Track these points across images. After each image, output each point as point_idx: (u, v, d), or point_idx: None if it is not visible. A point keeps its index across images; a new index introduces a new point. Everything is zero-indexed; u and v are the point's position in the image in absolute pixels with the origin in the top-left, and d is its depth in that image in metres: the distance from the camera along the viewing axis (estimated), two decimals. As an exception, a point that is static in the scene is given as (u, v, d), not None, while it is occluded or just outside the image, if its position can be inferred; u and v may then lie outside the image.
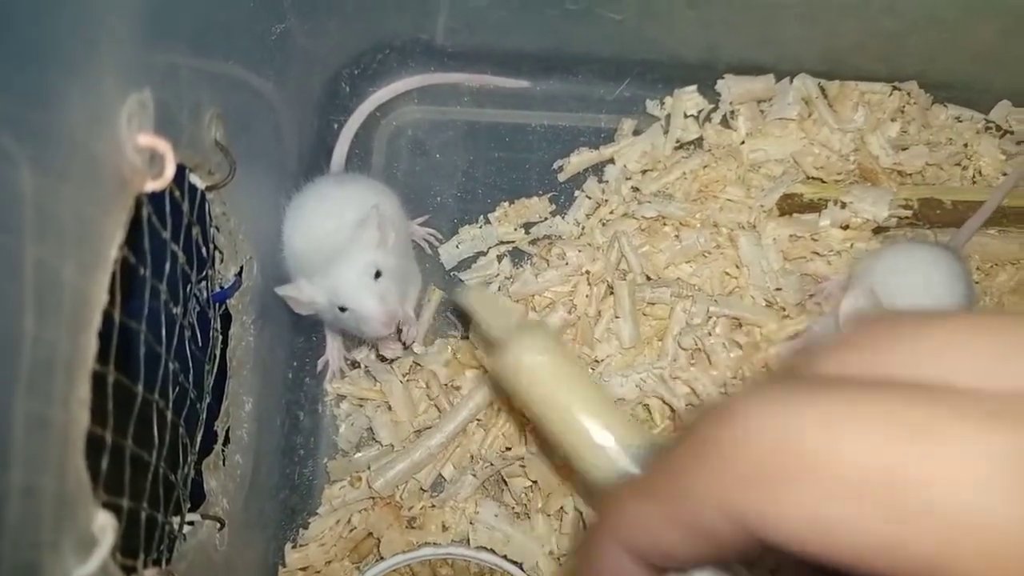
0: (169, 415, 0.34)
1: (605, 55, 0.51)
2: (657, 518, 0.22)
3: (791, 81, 0.54)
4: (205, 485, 0.41)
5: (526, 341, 0.33)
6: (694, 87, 0.54)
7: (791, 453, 0.18)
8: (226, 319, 0.42)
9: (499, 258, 0.53)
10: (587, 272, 0.49)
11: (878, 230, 0.52)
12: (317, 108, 0.51)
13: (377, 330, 0.44)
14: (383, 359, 0.51)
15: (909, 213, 0.52)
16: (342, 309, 0.44)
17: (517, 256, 0.53)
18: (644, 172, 0.54)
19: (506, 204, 0.54)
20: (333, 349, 0.51)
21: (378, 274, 0.44)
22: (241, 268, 0.42)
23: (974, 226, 0.51)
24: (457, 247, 0.53)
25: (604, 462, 0.29)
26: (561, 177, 0.55)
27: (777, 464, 0.18)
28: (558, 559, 0.48)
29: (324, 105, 0.51)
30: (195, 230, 0.36)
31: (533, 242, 0.53)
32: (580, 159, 0.54)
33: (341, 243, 0.44)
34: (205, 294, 0.40)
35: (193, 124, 0.33)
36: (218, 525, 0.40)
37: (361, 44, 0.51)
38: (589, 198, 0.54)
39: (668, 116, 0.55)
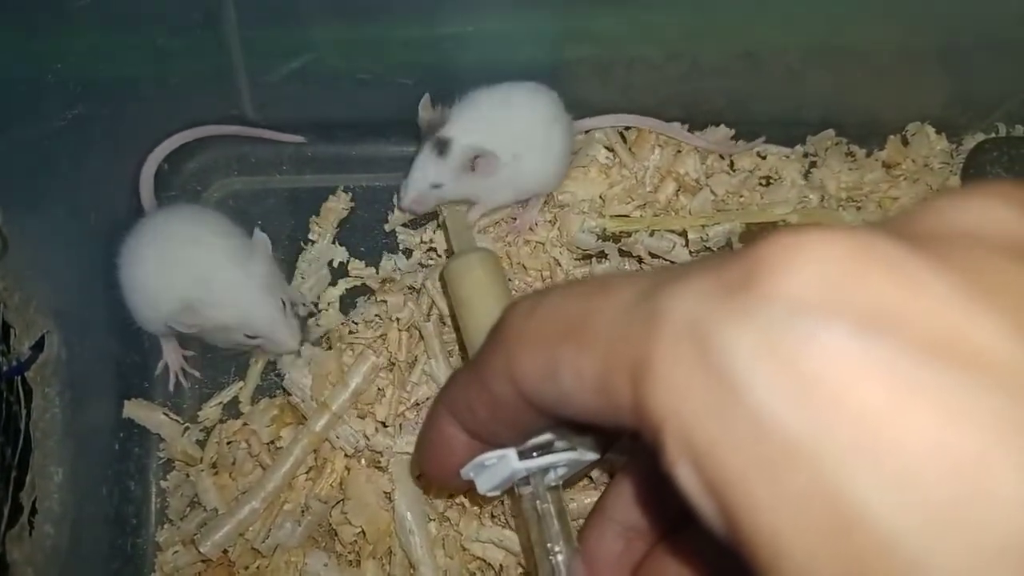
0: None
1: (407, 117, 0.54)
2: (470, 385, 0.25)
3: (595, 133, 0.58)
4: (8, 557, 0.41)
5: (471, 256, 0.43)
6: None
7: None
8: (29, 392, 0.44)
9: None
10: (396, 319, 0.51)
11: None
12: (133, 184, 0.53)
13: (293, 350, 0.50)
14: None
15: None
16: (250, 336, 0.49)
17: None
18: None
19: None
20: (170, 351, 0.53)
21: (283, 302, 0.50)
22: (39, 340, 0.43)
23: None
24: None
25: None
26: (386, 227, 0.57)
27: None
28: (388, 602, 0.49)
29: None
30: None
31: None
32: (401, 215, 0.57)
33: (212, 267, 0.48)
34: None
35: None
36: (18, 596, 0.41)
37: (172, 124, 0.54)
38: (410, 249, 0.56)
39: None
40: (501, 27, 0.53)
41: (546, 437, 0.30)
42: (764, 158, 0.59)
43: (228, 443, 0.52)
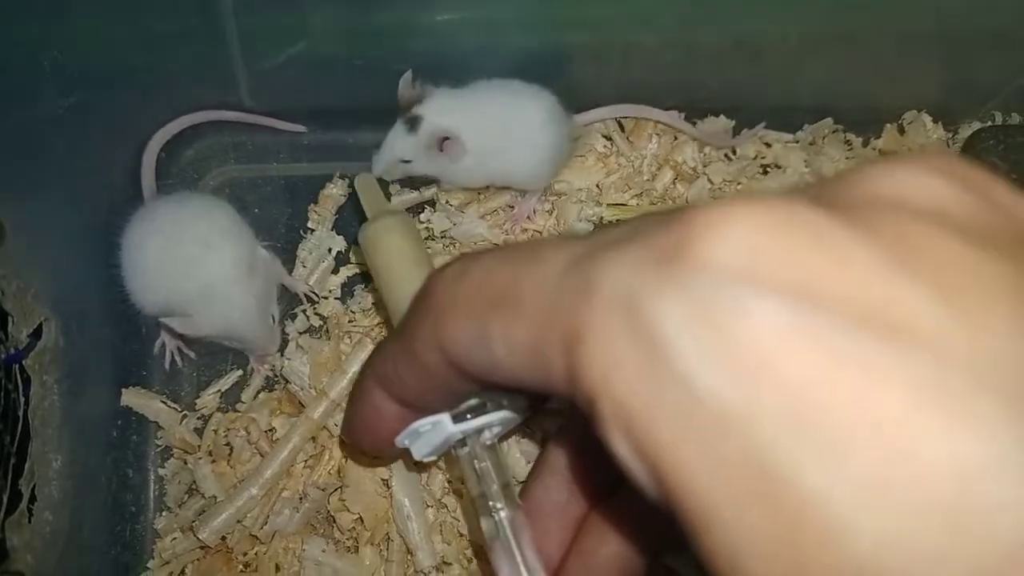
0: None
1: (404, 104, 0.54)
2: (398, 354, 0.25)
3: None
4: (8, 543, 0.42)
5: (385, 220, 0.42)
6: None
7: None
8: (27, 380, 0.44)
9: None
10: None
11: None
12: (131, 171, 0.53)
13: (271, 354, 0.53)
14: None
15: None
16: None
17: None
18: (467, 205, 0.57)
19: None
20: (166, 336, 0.53)
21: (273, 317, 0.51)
22: (37, 328, 0.43)
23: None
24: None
25: None
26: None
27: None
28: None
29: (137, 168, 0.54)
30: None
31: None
32: (401, 200, 0.57)
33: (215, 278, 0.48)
34: (-3, 357, 0.42)
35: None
36: (19, 581, 0.41)
37: (168, 112, 0.54)
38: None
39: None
40: (498, 13, 0.52)
41: (477, 399, 0.30)
42: (769, 146, 0.59)
43: (226, 431, 0.52)
